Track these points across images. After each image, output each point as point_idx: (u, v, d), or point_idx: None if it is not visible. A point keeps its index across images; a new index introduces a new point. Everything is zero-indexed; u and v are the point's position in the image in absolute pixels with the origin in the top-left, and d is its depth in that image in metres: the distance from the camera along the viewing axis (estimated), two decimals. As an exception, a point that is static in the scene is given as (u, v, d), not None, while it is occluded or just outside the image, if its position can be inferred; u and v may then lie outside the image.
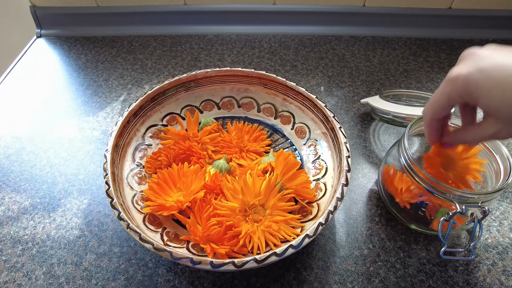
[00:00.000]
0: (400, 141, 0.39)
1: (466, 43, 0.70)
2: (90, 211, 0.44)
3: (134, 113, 0.44)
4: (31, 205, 0.44)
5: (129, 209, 0.37)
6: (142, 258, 0.39)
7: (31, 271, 0.38)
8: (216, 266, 0.30)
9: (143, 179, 0.42)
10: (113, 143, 0.39)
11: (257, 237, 0.34)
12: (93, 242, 0.41)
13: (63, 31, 0.72)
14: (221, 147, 0.45)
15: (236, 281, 0.37)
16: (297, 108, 0.48)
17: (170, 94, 0.47)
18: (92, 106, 0.57)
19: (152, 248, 0.31)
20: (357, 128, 0.54)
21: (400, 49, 0.69)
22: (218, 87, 0.50)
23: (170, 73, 0.63)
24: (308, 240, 0.31)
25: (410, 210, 0.40)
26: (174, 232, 0.37)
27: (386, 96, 0.52)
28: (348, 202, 0.45)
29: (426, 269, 0.39)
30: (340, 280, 0.38)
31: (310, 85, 0.61)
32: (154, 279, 0.38)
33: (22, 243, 0.41)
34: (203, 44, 0.70)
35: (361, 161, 0.49)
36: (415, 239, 0.41)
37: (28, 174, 0.47)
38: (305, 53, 0.68)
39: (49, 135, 0.53)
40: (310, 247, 0.40)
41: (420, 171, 0.36)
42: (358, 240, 0.41)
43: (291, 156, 0.41)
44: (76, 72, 0.64)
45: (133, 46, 0.69)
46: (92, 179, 0.47)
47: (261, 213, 0.37)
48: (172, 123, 0.48)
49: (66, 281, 0.38)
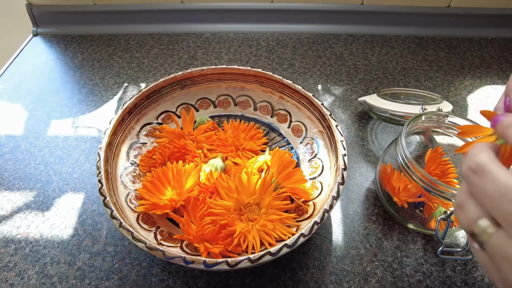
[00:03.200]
0: (398, 140, 0.38)
1: (465, 42, 0.70)
2: (84, 210, 0.43)
3: (128, 111, 0.43)
4: (25, 204, 0.44)
5: (123, 208, 0.36)
6: (136, 257, 0.39)
7: (23, 270, 0.38)
8: (210, 265, 0.29)
9: (138, 178, 0.41)
10: (107, 141, 0.39)
11: (251, 236, 0.34)
12: (86, 241, 0.40)
13: (59, 29, 0.71)
14: (216, 146, 0.44)
15: (231, 281, 0.37)
16: (294, 106, 0.47)
17: (165, 92, 0.47)
18: (88, 104, 0.57)
19: (145, 247, 0.30)
20: (355, 127, 0.53)
21: (399, 48, 0.68)
22: (214, 85, 0.49)
23: (167, 71, 0.63)
24: (303, 239, 0.31)
25: (407, 209, 0.40)
26: (168, 231, 0.37)
27: (384, 95, 0.52)
28: (345, 201, 0.44)
29: (423, 269, 0.38)
30: (336, 280, 0.37)
31: (308, 83, 0.61)
32: (148, 279, 0.37)
33: (15, 242, 0.40)
34: (200, 42, 0.69)
35: (358, 159, 0.49)
36: (413, 238, 0.41)
37: (22, 173, 0.47)
38: (303, 52, 0.67)
39: (44, 134, 0.52)
40: (306, 247, 0.40)
41: (418, 169, 0.35)
42: (355, 240, 0.41)
43: (286, 154, 0.40)
44: (72, 71, 0.63)
45: (129, 44, 0.69)
46: (87, 177, 0.47)
47: (256, 212, 0.36)
48: (168, 121, 0.47)
49: (59, 280, 0.37)
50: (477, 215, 0.19)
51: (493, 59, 0.66)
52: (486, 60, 0.66)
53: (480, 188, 0.19)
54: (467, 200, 0.20)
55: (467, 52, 0.68)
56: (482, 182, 0.19)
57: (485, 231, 0.19)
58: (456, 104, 0.57)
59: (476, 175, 0.19)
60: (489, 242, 0.19)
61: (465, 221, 0.20)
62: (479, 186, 0.19)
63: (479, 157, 0.20)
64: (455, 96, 0.59)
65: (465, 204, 0.20)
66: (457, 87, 0.60)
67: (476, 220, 0.19)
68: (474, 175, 0.20)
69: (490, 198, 0.19)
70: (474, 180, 0.20)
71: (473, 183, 0.20)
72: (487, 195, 0.19)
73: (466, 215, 0.20)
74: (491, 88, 0.60)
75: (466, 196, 0.21)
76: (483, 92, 0.60)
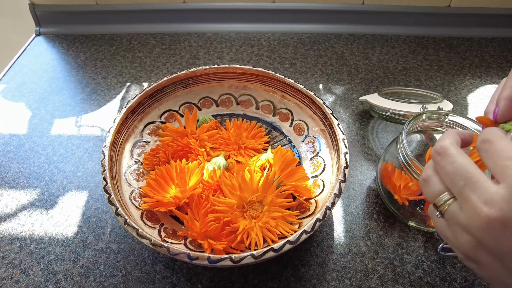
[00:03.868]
0: (399, 138, 0.39)
1: (465, 41, 0.70)
2: (88, 208, 0.44)
3: (132, 110, 0.44)
4: (29, 202, 0.44)
5: (127, 205, 0.37)
6: (140, 254, 0.39)
7: (29, 267, 0.38)
8: (214, 261, 0.30)
9: (141, 176, 0.42)
10: (111, 140, 0.39)
11: (254, 233, 0.34)
12: (91, 239, 0.41)
13: (62, 29, 0.72)
14: (219, 144, 0.45)
15: (234, 278, 0.37)
16: (296, 105, 0.48)
17: (168, 91, 0.47)
18: (90, 103, 0.57)
19: (150, 244, 0.31)
20: (356, 126, 0.54)
21: (399, 47, 0.69)
22: (217, 85, 0.50)
23: (169, 71, 0.63)
24: (305, 236, 0.31)
25: (408, 207, 0.40)
26: (172, 229, 0.37)
27: (385, 94, 0.52)
28: (346, 199, 0.45)
29: (424, 266, 0.39)
30: (338, 276, 0.38)
31: (309, 82, 0.61)
32: (152, 276, 0.38)
33: (20, 240, 0.41)
34: (202, 42, 0.70)
35: (359, 158, 0.49)
36: (413, 236, 0.41)
37: (27, 171, 0.47)
38: (304, 51, 0.68)
39: (47, 133, 0.52)
40: (308, 244, 0.40)
41: (419, 168, 0.36)
42: (356, 237, 0.41)
43: (289, 152, 0.41)
44: (75, 70, 0.63)
45: (132, 44, 0.69)
46: (91, 176, 0.47)
47: (258, 209, 0.36)
48: (170, 120, 0.48)
49: (64, 277, 0.38)
50: (440, 189, 0.23)
51: (493, 58, 0.67)
52: (486, 59, 0.66)
53: (442, 167, 0.23)
54: (432, 176, 0.24)
55: (467, 52, 0.68)
56: (443, 162, 0.23)
57: (445, 203, 0.23)
58: (457, 103, 0.58)
59: (439, 156, 0.23)
60: (447, 211, 0.23)
61: (430, 193, 0.24)
62: (441, 165, 0.23)
63: (444, 141, 0.24)
64: (455, 95, 0.59)
65: (430, 179, 0.24)
66: (457, 87, 0.61)
67: (439, 193, 0.23)
68: (438, 156, 0.23)
69: (449, 176, 0.22)
70: (438, 160, 0.23)
71: (437, 162, 0.23)
72: (446, 173, 0.23)
73: (431, 188, 0.24)
74: (491, 87, 0.61)
75: (432, 172, 0.24)
76: (483, 91, 0.60)
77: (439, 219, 0.24)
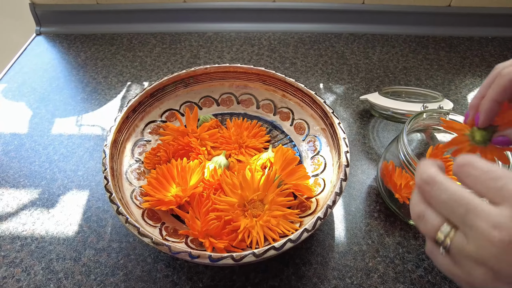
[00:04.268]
0: (399, 137, 0.39)
1: (466, 41, 0.70)
2: (89, 207, 0.44)
3: (133, 109, 0.44)
4: (30, 201, 0.44)
5: (128, 204, 0.37)
6: (141, 253, 0.39)
7: (30, 266, 0.38)
8: (215, 260, 0.30)
9: (142, 175, 0.42)
10: (112, 139, 0.39)
11: (255, 231, 0.34)
12: (92, 238, 0.41)
13: (62, 28, 0.72)
14: (220, 143, 0.45)
15: (235, 277, 0.37)
16: (296, 105, 0.48)
17: (169, 91, 0.47)
18: (91, 103, 0.57)
19: (151, 242, 0.31)
20: (356, 125, 0.54)
21: (400, 47, 0.69)
22: (217, 84, 0.50)
23: (170, 70, 0.63)
24: (306, 234, 0.31)
25: (409, 206, 0.40)
26: (173, 227, 0.37)
27: (385, 93, 0.52)
28: (347, 198, 0.45)
29: (425, 264, 0.39)
30: (339, 275, 0.38)
31: (310, 82, 0.61)
32: (153, 275, 0.38)
33: (21, 239, 0.41)
34: (203, 41, 0.70)
35: (360, 157, 0.49)
36: (414, 234, 0.41)
37: (27, 170, 0.47)
38: (305, 51, 0.68)
39: (48, 132, 0.53)
40: (309, 243, 0.40)
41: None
42: (357, 236, 0.41)
43: (289, 151, 0.41)
44: (76, 70, 0.64)
45: (132, 43, 0.69)
46: (91, 175, 0.47)
47: (260, 208, 0.37)
48: (171, 119, 0.48)
49: (65, 276, 0.38)
50: (439, 222, 0.21)
51: (493, 57, 0.67)
52: (486, 59, 0.66)
53: (435, 196, 0.21)
54: (425, 210, 0.22)
55: (468, 51, 0.68)
56: (435, 191, 0.21)
57: (448, 235, 0.20)
58: (457, 102, 0.58)
59: (429, 186, 0.22)
60: (452, 243, 0.20)
61: (429, 229, 0.22)
62: (434, 195, 0.21)
63: (430, 170, 0.22)
64: (455, 94, 0.59)
65: (424, 213, 0.22)
66: (457, 86, 0.61)
67: (438, 226, 0.21)
68: (428, 185, 0.22)
69: (445, 205, 0.20)
70: (429, 190, 0.22)
71: (428, 192, 0.22)
72: (442, 202, 0.21)
73: (428, 223, 0.22)
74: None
75: (424, 206, 0.22)
76: (483, 90, 0.60)
77: (443, 258, 0.21)
